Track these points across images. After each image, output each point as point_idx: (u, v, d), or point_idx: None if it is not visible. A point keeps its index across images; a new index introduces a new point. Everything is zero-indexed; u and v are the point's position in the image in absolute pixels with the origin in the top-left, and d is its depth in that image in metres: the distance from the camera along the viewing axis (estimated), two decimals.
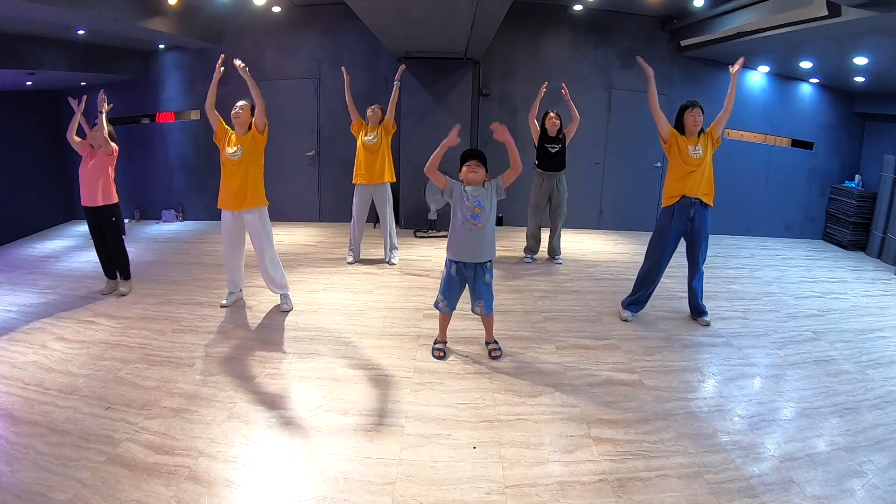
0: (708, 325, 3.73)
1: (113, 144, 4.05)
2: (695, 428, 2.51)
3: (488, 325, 3.22)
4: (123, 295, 4.14)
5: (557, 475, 2.17)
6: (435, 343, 3.25)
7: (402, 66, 4.98)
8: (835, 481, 2.15)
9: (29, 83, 6.31)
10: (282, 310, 3.83)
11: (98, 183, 4.01)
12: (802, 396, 2.84)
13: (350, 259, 5.03)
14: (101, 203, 4.02)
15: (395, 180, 4.99)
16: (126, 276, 4.24)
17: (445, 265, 3.11)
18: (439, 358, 3.14)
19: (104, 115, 4.02)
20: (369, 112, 4.81)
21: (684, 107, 3.54)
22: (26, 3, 3.71)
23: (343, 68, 4.79)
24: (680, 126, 3.55)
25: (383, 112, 4.85)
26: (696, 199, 3.50)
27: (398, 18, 3.97)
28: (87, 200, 4.02)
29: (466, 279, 3.07)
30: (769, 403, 2.77)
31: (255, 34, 6.52)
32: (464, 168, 2.95)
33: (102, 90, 4.21)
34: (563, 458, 2.28)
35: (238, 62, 3.49)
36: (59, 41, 5.42)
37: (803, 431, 2.52)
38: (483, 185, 2.94)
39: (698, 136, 3.52)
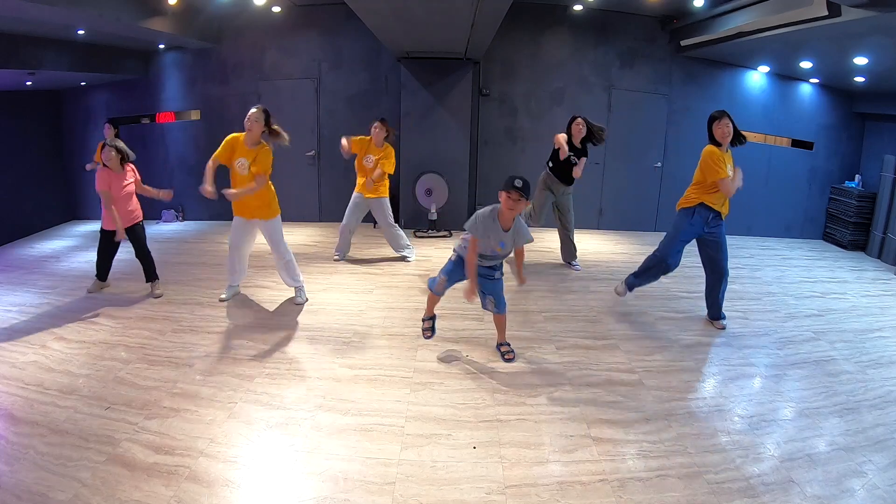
0: (724, 328, 3.71)
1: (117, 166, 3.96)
2: (695, 428, 2.51)
3: (501, 325, 3.16)
4: (158, 297, 4.10)
5: (557, 475, 2.17)
6: (423, 321, 3.26)
7: None
8: (835, 481, 2.15)
9: (29, 83, 6.31)
10: (295, 302, 3.92)
11: (123, 203, 4.01)
12: (802, 396, 2.84)
13: (336, 257, 5.12)
14: (131, 223, 4.05)
15: (388, 195, 4.91)
16: (153, 277, 4.20)
17: (455, 251, 3.03)
18: (427, 337, 3.22)
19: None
20: (374, 131, 4.61)
21: (713, 117, 3.42)
22: (26, 3, 3.71)
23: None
24: (711, 139, 3.44)
25: (388, 130, 4.68)
26: (715, 210, 3.48)
27: (398, 18, 3.97)
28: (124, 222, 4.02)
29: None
30: (769, 403, 2.77)
31: (255, 34, 6.52)
32: (505, 195, 2.69)
33: None
34: (563, 458, 2.28)
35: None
36: (59, 41, 5.43)
37: (803, 431, 2.52)
38: (510, 230, 2.81)
39: (730, 147, 3.45)
